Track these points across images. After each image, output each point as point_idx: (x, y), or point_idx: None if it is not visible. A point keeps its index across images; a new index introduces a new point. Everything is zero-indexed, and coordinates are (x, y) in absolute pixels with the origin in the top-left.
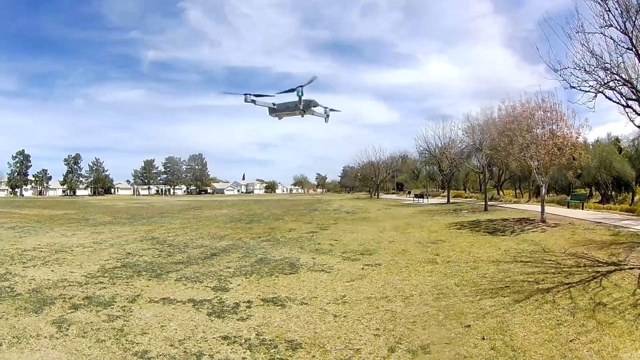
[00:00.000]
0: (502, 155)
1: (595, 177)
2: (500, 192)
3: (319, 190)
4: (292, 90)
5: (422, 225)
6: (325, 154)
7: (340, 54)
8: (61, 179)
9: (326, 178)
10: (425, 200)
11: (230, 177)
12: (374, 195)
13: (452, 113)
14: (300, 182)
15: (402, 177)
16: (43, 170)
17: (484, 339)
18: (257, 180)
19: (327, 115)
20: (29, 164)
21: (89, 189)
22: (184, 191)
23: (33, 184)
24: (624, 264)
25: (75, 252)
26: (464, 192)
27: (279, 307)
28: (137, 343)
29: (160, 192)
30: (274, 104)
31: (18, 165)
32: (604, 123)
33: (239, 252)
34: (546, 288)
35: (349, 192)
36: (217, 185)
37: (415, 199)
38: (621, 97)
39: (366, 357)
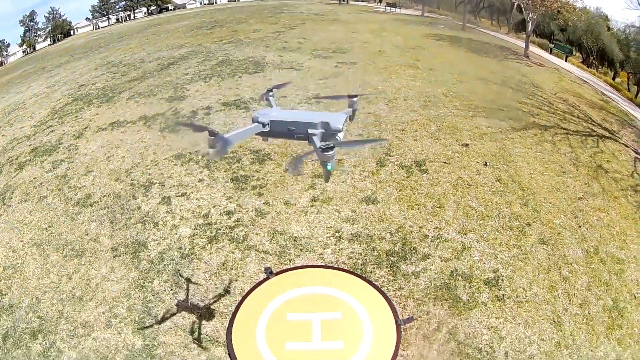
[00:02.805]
0: None
1: (580, 38)
2: (477, 18)
3: None
4: None
5: (397, 31)
6: None
7: None
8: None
9: None
10: (398, 10)
11: None
12: (343, 1)
13: None
14: None
15: None
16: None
17: (486, 164)
18: None
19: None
20: None
21: (49, 39)
22: (145, 13)
23: None
24: (618, 137)
25: (28, 104)
26: (437, 9)
27: (242, 110)
28: (80, 188)
29: (120, 19)
30: (263, 124)
31: None
32: None
33: (198, 57)
34: (543, 125)
35: None
36: (178, 1)
37: (387, 7)
38: None
39: (352, 172)
